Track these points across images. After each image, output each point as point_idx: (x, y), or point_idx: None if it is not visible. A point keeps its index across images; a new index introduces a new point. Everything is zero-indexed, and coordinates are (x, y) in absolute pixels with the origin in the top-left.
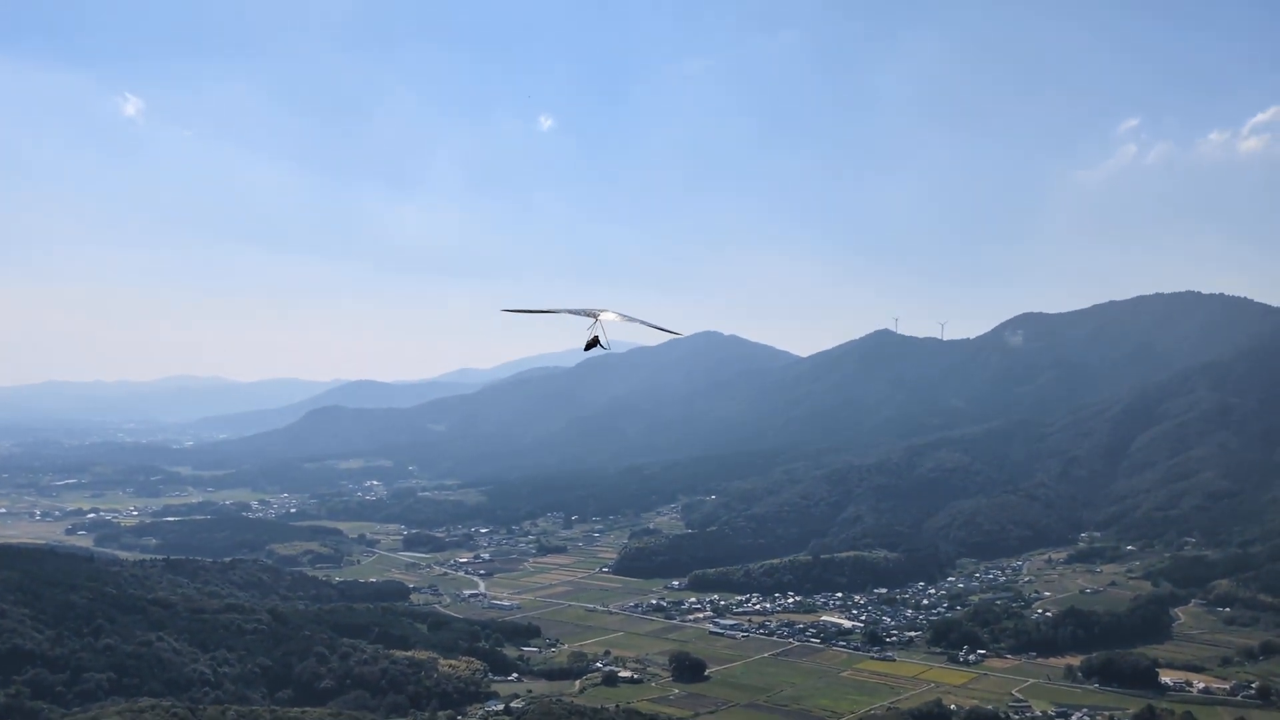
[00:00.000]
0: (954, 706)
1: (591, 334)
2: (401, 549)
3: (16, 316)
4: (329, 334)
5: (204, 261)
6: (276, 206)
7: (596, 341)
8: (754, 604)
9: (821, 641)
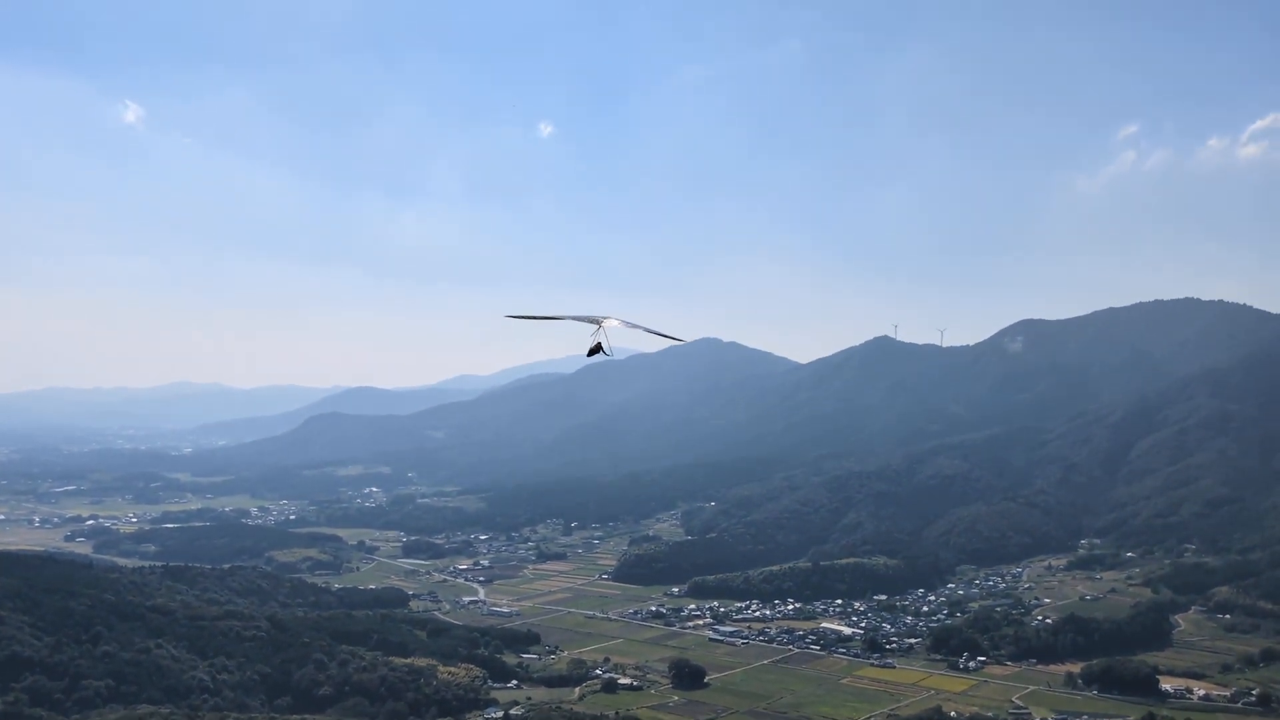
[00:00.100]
0: (954, 714)
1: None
2: (401, 556)
3: (16, 323)
4: (328, 340)
5: (204, 268)
6: (276, 213)
7: (600, 348)
8: (754, 611)
9: (821, 648)
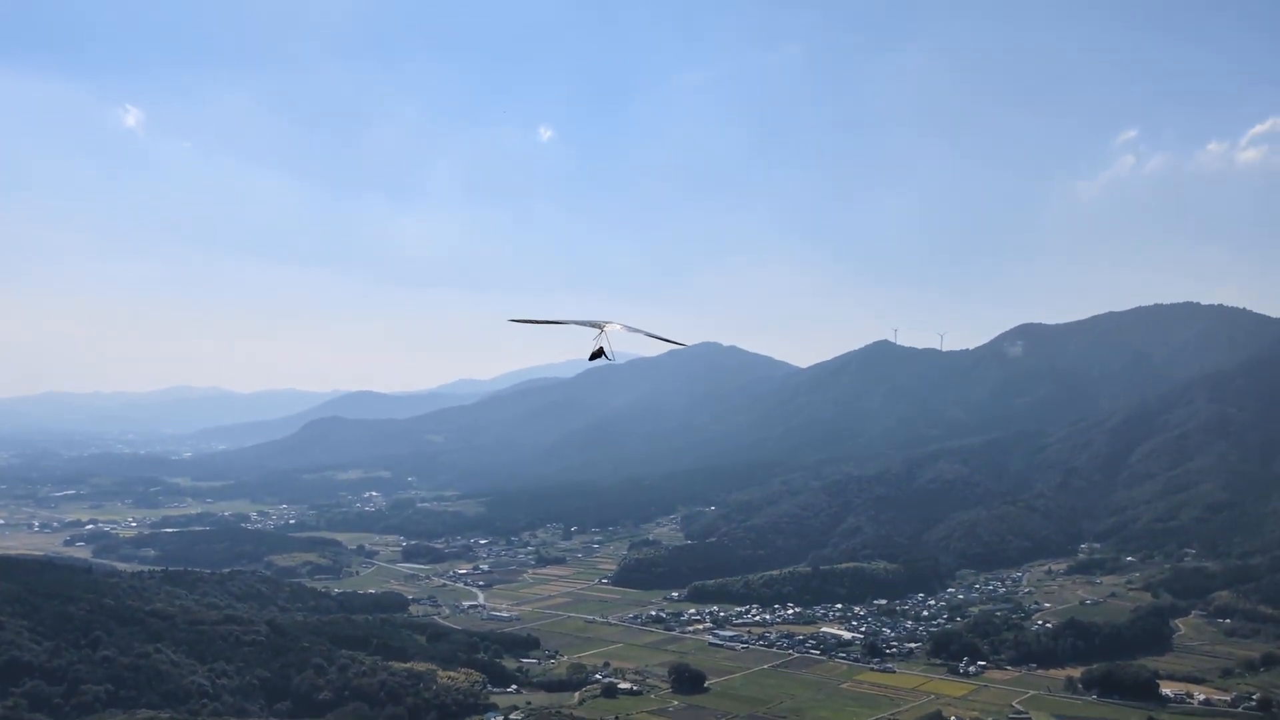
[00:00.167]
0: (954, 718)
1: (597, 345)
2: (400, 560)
3: (15, 327)
4: (328, 345)
5: (203, 272)
6: (276, 217)
7: (601, 352)
8: (753, 615)
9: (821, 653)
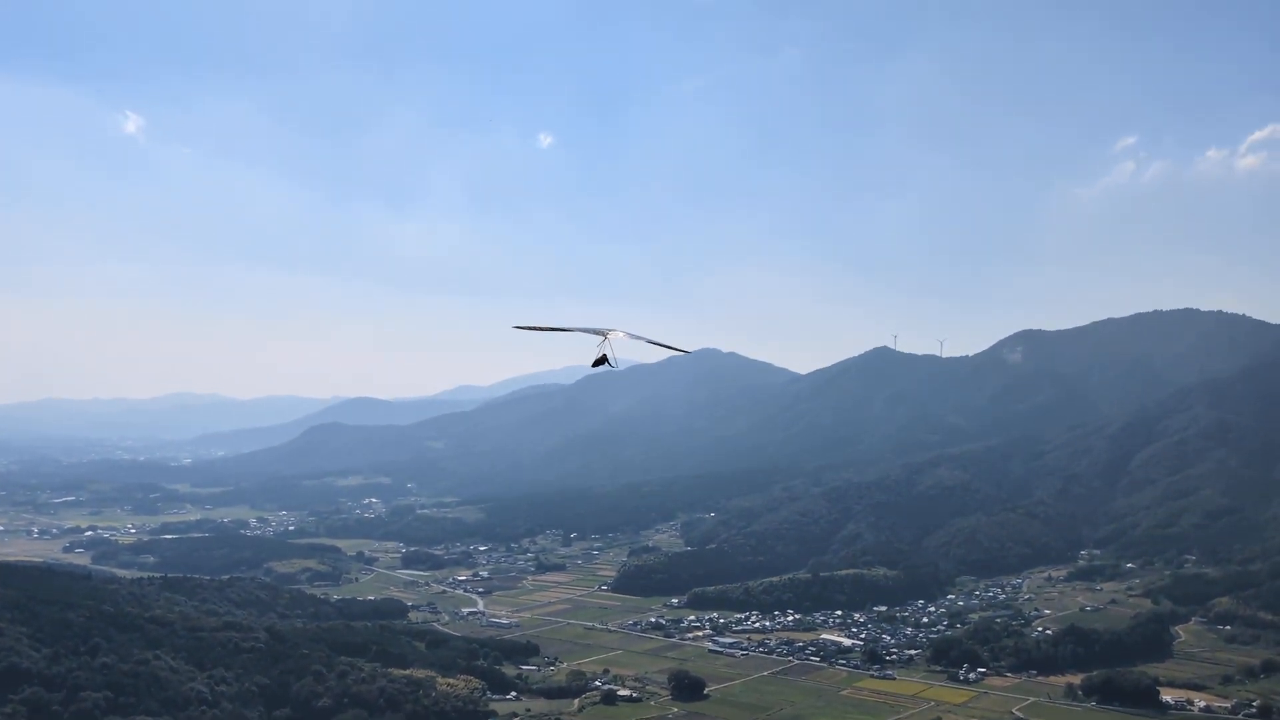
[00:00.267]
0: None
1: (600, 352)
2: (400, 566)
3: (15, 333)
4: (328, 351)
5: (203, 278)
6: (276, 223)
7: (605, 359)
8: (753, 622)
9: (821, 660)
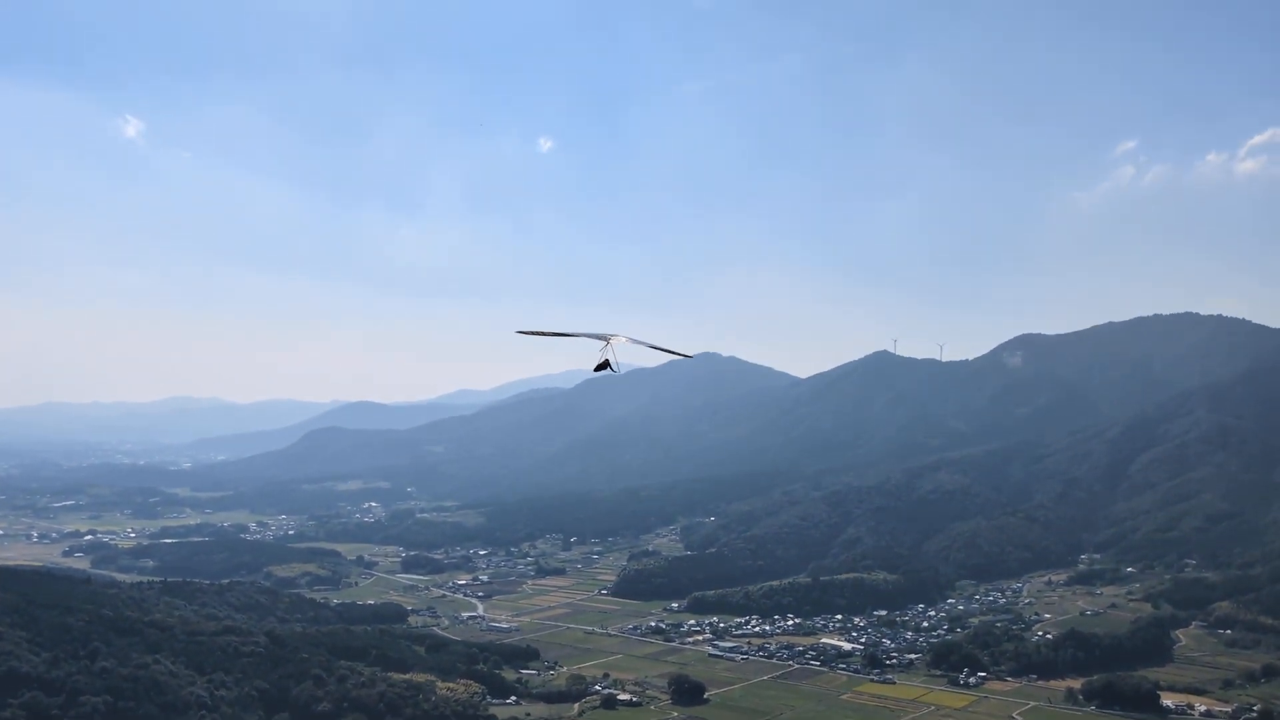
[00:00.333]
0: None
1: (603, 357)
2: (400, 571)
3: (15, 337)
4: (328, 355)
5: (203, 282)
6: (276, 227)
7: (607, 364)
8: (753, 626)
9: (821, 664)
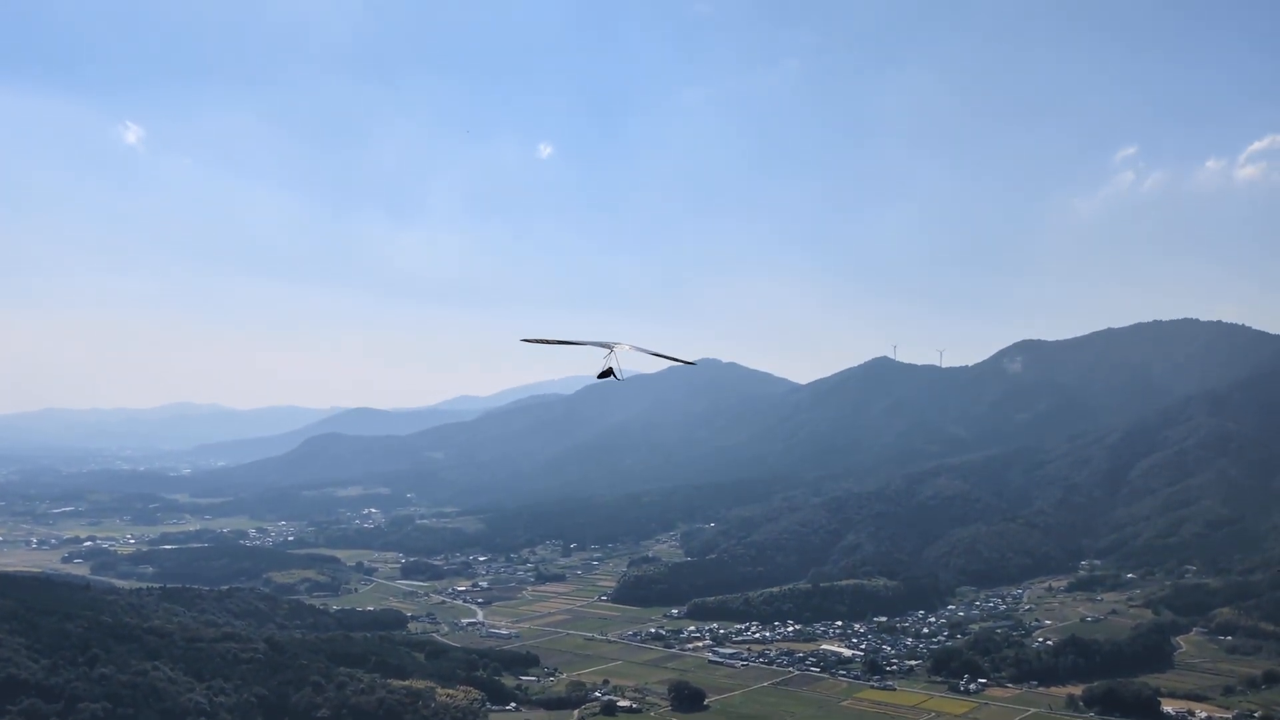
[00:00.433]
0: None
1: (607, 365)
2: (399, 577)
3: (15, 343)
4: (328, 361)
5: (203, 289)
6: (276, 233)
7: (611, 372)
8: (753, 632)
9: (821, 670)
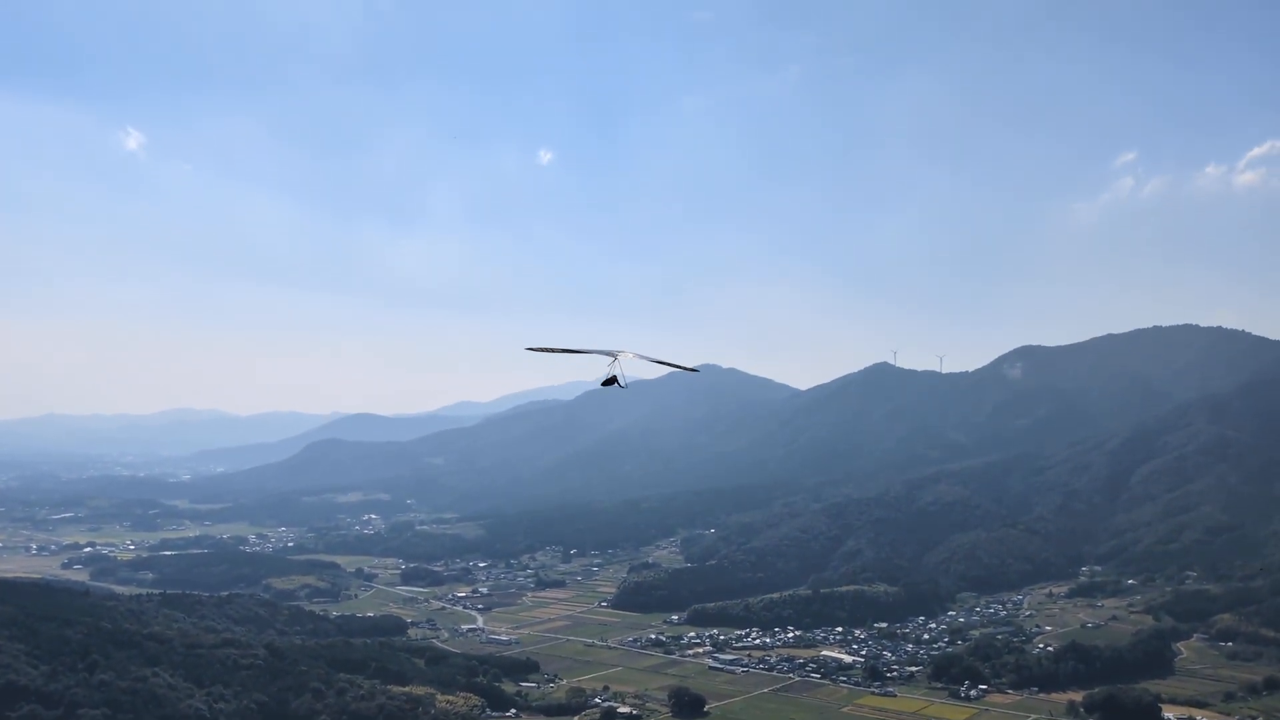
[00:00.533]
0: None
1: (610, 373)
2: (399, 583)
3: (16, 350)
4: (328, 367)
5: (204, 295)
6: (277, 240)
7: (614, 380)
8: (753, 639)
9: (822, 676)
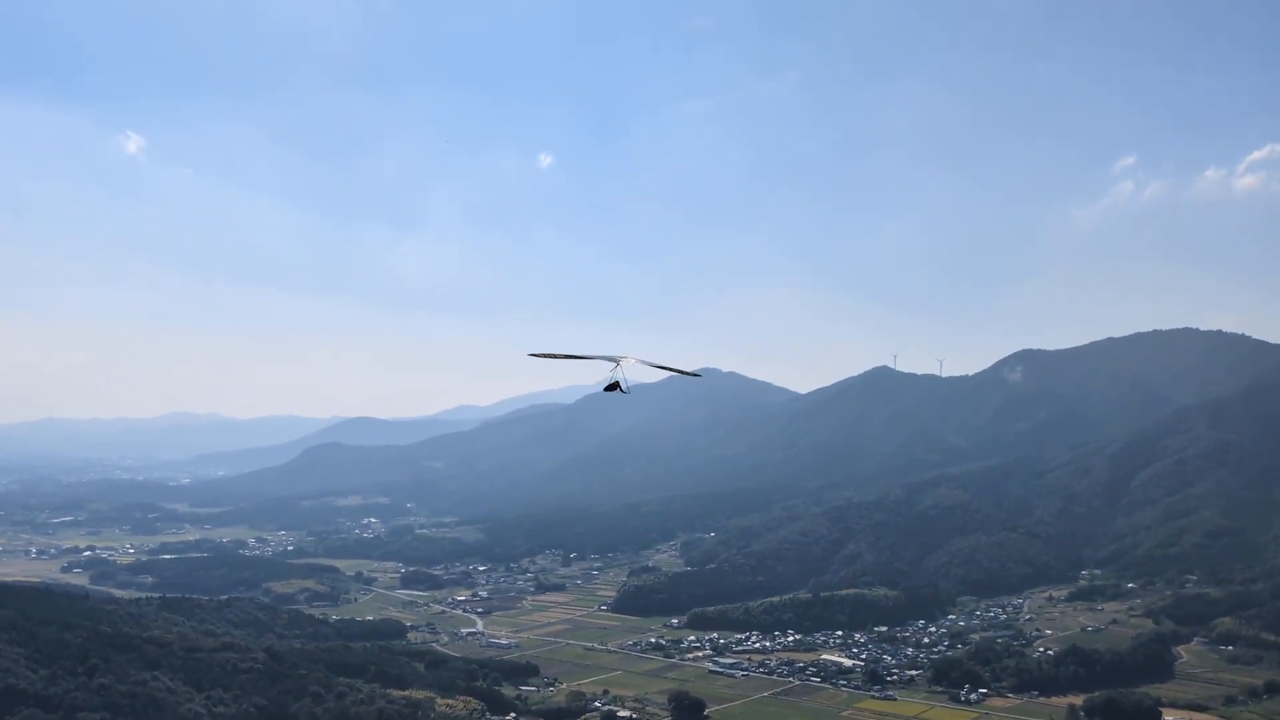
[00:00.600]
0: None
1: (613, 378)
2: (399, 587)
3: (16, 353)
4: (328, 371)
5: (203, 299)
6: (276, 244)
7: (617, 385)
8: (753, 642)
9: (822, 680)
